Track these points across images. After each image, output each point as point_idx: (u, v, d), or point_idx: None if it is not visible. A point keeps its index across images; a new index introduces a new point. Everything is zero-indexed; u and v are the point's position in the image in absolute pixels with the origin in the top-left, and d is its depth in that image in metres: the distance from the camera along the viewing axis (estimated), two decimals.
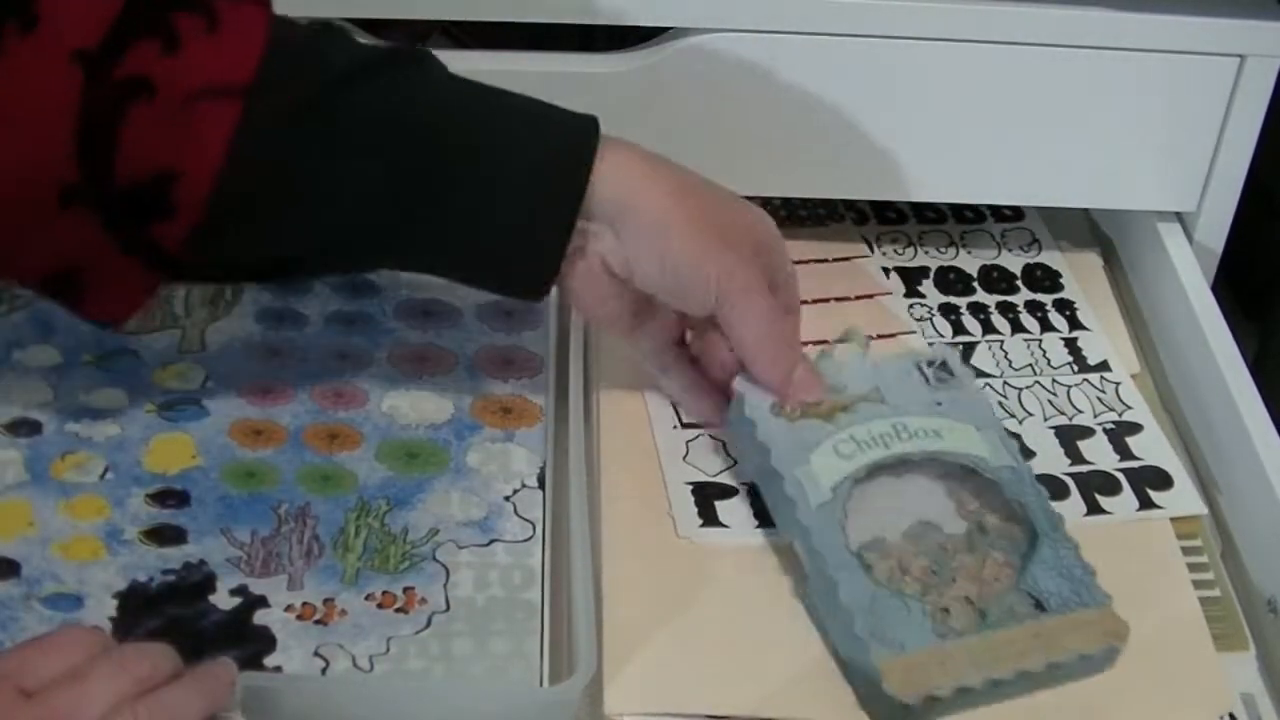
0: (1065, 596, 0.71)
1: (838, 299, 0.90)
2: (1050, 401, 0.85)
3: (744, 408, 0.75)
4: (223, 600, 0.71)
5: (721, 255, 0.72)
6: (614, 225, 0.72)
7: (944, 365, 0.78)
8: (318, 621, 0.71)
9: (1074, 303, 0.92)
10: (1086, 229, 0.99)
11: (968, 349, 0.88)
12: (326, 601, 0.71)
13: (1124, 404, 0.85)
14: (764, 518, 0.77)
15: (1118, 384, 0.87)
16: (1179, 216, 0.93)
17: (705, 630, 0.72)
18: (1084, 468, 0.81)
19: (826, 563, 0.70)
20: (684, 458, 0.80)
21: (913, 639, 0.68)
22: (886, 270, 0.93)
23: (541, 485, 0.78)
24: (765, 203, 0.79)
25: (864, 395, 0.76)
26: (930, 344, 0.87)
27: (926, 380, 0.77)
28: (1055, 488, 0.79)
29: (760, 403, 0.74)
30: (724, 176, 0.75)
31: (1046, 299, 0.92)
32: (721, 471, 0.79)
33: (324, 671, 0.69)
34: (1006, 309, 0.92)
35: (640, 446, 0.80)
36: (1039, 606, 0.70)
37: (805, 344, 0.77)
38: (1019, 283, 0.94)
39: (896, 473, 0.75)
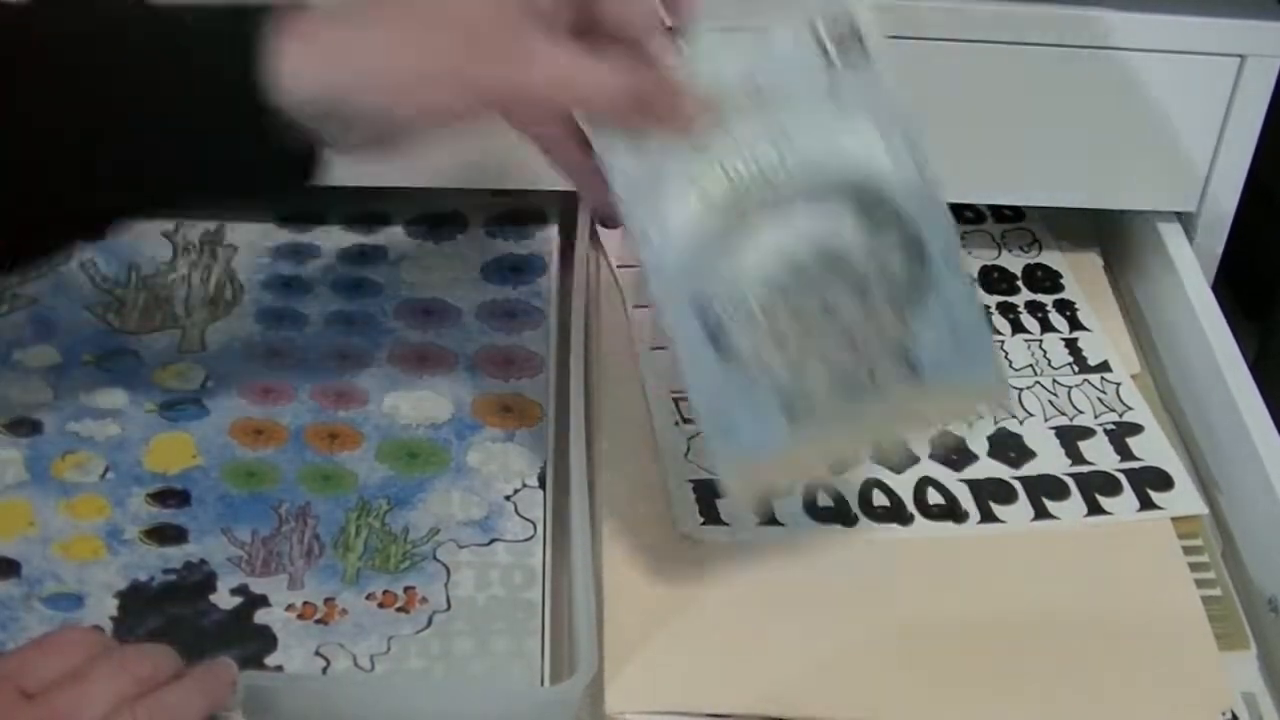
0: (943, 361, 0.61)
1: None
2: (1051, 402, 0.85)
3: (594, 139, 0.61)
4: (223, 600, 0.71)
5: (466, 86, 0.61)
6: (332, 128, 0.62)
7: (855, 34, 0.59)
8: (318, 621, 0.71)
9: (1074, 303, 0.92)
10: (1086, 229, 0.99)
11: None
12: (327, 601, 0.71)
13: (1124, 404, 0.85)
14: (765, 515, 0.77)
15: (1118, 384, 0.87)
16: (1179, 216, 0.93)
17: (706, 629, 0.72)
18: (1084, 468, 0.81)
19: (677, 339, 0.61)
20: (685, 455, 0.79)
21: (762, 438, 0.61)
22: None
23: (542, 485, 0.77)
24: None
25: (735, 92, 0.60)
26: None
27: (826, 55, 0.60)
28: (1056, 488, 0.79)
29: (610, 134, 0.60)
30: None
31: (1047, 299, 0.92)
32: None
33: (325, 671, 0.69)
34: (1007, 309, 0.91)
35: (640, 446, 0.80)
36: (913, 371, 0.62)
37: None
38: (1019, 283, 0.94)
39: (777, 206, 0.62)
